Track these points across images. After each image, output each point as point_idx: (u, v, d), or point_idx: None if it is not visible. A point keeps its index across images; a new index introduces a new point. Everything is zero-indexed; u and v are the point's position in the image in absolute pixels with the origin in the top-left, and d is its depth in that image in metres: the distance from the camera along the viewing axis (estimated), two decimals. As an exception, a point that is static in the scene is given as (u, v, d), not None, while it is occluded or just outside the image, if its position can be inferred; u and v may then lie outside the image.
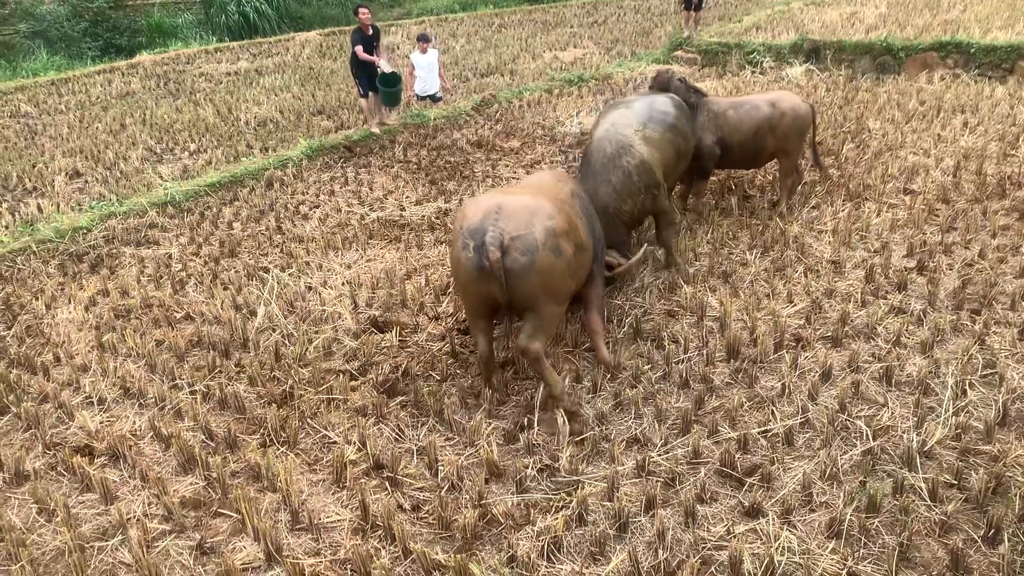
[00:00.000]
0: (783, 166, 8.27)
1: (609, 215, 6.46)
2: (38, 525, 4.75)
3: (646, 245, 6.76)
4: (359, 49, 11.64)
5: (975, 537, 4.12)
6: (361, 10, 11.73)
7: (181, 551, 4.46)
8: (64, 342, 6.83)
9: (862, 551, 4.12)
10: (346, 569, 4.23)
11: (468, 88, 15.55)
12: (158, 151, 12.71)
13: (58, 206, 10.15)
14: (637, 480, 4.72)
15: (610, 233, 6.43)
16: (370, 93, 12.08)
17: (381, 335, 6.55)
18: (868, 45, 14.18)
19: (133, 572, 4.32)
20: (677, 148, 7.06)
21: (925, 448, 4.73)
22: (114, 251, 8.75)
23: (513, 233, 4.98)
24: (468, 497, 4.69)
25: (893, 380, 5.42)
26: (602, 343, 5.92)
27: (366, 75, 11.93)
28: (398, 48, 20.25)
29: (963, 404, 5.09)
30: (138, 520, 4.68)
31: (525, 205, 5.16)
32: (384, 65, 11.71)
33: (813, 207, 8.35)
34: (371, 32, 11.82)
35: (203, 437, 5.39)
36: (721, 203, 8.61)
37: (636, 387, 5.55)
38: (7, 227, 9.52)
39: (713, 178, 9.02)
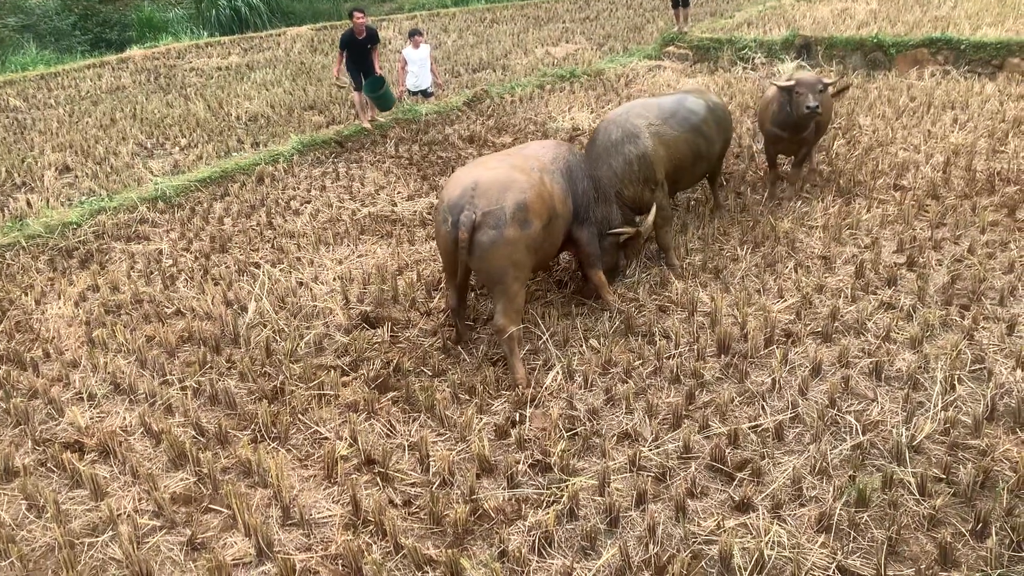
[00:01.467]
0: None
1: (611, 197, 6.66)
2: (28, 521, 4.73)
3: (651, 214, 6.78)
4: (340, 58, 11.86)
5: (963, 531, 4.15)
6: (356, 15, 11.71)
7: (172, 547, 4.46)
8: (54, 337, 6.80)
9: (851, 545, 4.14)
10: (337, 564, 4.23)
11: (460, 83, 15.53)
12: (148, 146, 12.66)
13: (47, 201, 10.10)
14: (628, 475, 4.74)
15: (618, 213, 6.72)
16: (361, 90, 12.05)
17: (372, 331, 6.55)
18: (859, 41, 14.21)
19: (124, 568, 4.31)
20: (696, 149, 7.20)
21: (914, 443, 4.76)
22: (104, 246, 8.72)
23: (485, 209, 5.49)
24: (459, 492, 4.70)
25: (883, 375, 5.44)
26: (607, 293, 6.54)
27: (358, 70, 11.90)
28: (389, 43, 20.20)
29: (952, 399, 5.12)
30: (128, 516, 4.67)
31: (499, 181, 5.65)
32: (358, 80, 11.91)
33: (803, 203, 8.37)
34: (364, 36, 11.78)
35: (194, 433, 5.38)
36: (717, 210, 8.59)
37: (627, 382, 5.56)
38: (-4, 222, 9.47)
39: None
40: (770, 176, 8.80)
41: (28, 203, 10.07)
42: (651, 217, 6.71)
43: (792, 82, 7.89)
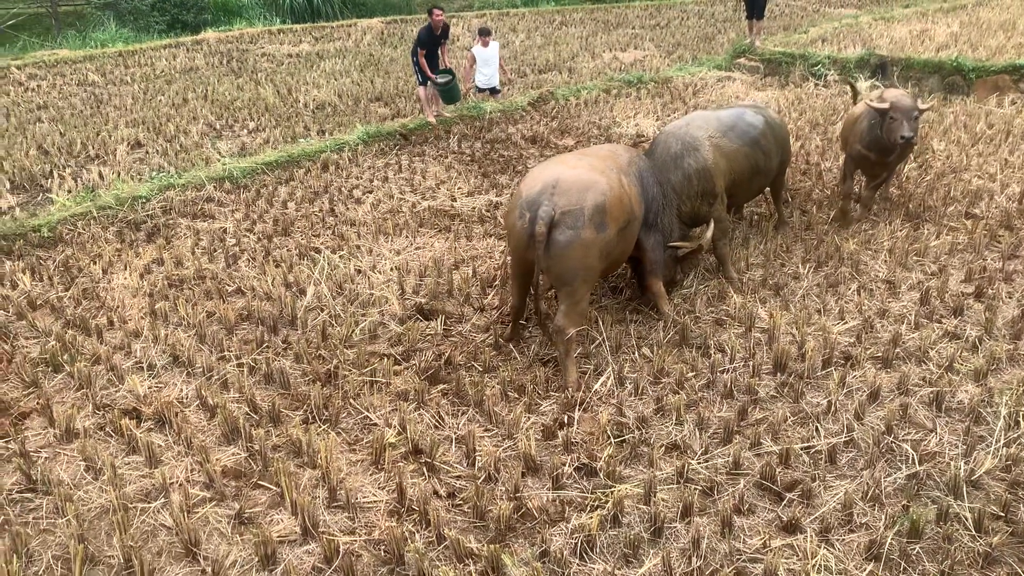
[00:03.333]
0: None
1: (669, 211, 6.63)
2: (85, 482, 4.87)
3: (712, 224, 6.75)
4: (421, 55, 11.82)
5: (1020, 572, 4.03)
6: (436, 11, 11.84)
7: (220, 519, 4.55)
8: (118, 307, 6.99)
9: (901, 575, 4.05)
10: (380, 549, 4.27)
11: (525, 84, 15.56)
12: (218, 127, 12.93)
13: (119, 174, 10.39)
14: (675, 486, 4.69)
15: (678, 224, 6.73)
16: (428, 82, 12.14)
17: (426, 322, 6.60)
18: (937, 64, 13.85)
19: (173, 535, 4.41)
20: (754, 163, 7.15)
21: (973, 477, 4.62)
22: (171, 222, 8.93)
23: (564, 208, 5.43)
24: (504, 489, 4.71)
25: (943, 406, 5.30)
26: (664, 304, 6.49)
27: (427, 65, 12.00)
28: (457, 40, 20.33)
29: (1015, 436, 4.96)
30: (180, 485, 4.78)
31: (581, 180, 5.59)
32: (438, 79, 11.95)
33: (870, 225, 8.20)
34: (440, 31, 11.91)
35: (247, 409, 5.49)
36: (781, 226, 8.45)
37: (679, 393, 5.51)
38: (70, 192, 9.76)
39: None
40: (842, 191, 8.53)
41: (100, 175, 10.37)
42: (710, 231, 6.66)
43: (886, 104, 7.59)
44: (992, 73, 13.18)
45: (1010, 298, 6.65)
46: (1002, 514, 4.37)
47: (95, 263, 7.84)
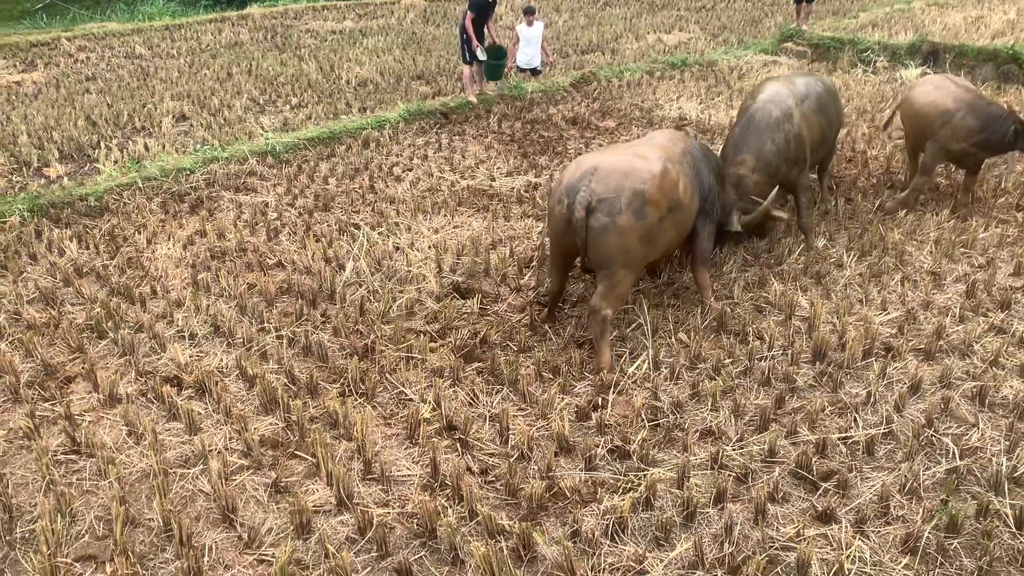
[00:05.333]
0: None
1: (771, 172, 6.88)
2: (127, 447, 4.99)
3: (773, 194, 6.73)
4: (469, 20, 11.70)
5: (1061, 571, 3.95)
6: None
7: (257, 487, 4.63)
8: (161, 276, 7.11)
9: (937, 571, 3.99)
10: (412, 523, 4.32)
11: (567, 64, 15.44)
12: (261, 102, 13.03)
13: (164, 146, 10.54)
14: (708, 472, 4.67)
15: (766, 191, 6.77)
16: (474, 61, 12.10)
17: (463, 301, 6.62)
18: (992, 52, 13.48)
19: (211, 501, 4.50)
20: (823, 130, 7.34)
21: (1015, 474, 4.53)
22: (214, 194, 9.04)
23: (602, 195, 5.47)
24: (536, 468, 4.72)
25: (987, 401, 5.20)
26: (709, 295, 6.41)
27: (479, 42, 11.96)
28: (501, 19, 20.21)
29: (1061, 434, 4.85)
30: (219, 453, 4.87)
31: (620, 168, 5.62)
32: (480, 53, 11.85)
33: (916, 215, 8.03)
34: (491, 1, 11.87)
35: (286, 380, 5.56)
36: (821, 205, 8.34)
37: (715, 379, 5.47)
38: (116, 162, 9.93)
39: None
40: (920, 184, 8.24)
41: (146, 147, 10.53)
42: (771, 198, 6.63)
43: None
44: (1049, 62, 12.80)
45: (1060, 293, 6.49)
46: (1044, 512, 4.28)
47: (140, 233, 7.97)
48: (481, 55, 11.95)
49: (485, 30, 12.05)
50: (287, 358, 5.77)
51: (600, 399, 5.34)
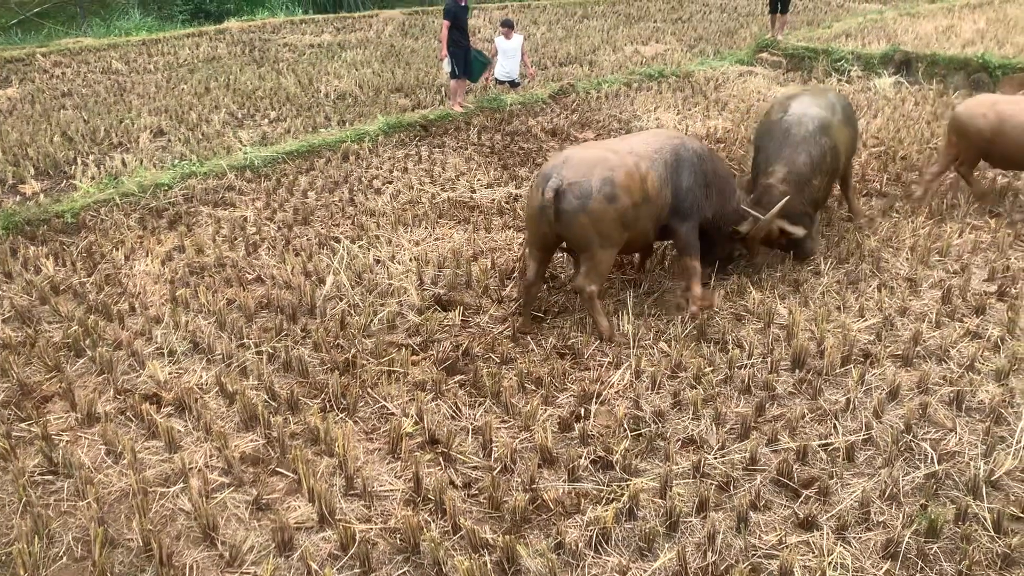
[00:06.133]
0: None
1: (802, 184, 6.92)
2: (105, 466, 4.93)
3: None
4: (445, 27, 11.83)
5: (1039, 574, 3.99)
6: None
7: (238, 504, 4.59)
8: (140, 293, 7.05)
9: (918, 575, 4.02)
10: (395, 538, 4.30)
11: (546, 76, 15.51)
12: (239, 116, 12.99)
13: (141, 161, 10.46)
14: (691, 480, 4.69)
15: (794, 201, 6.80)
16: (462, 76, 12.21)
17: (444, 313, 6.62)
18: (963, 60, 13.69)
19: (191, 519, 4.46)
20: (848, 144, 7.47)
21: (992, 477, 4.58)
22: (192, 209, 9.00)
23: (571, 179, 5.84)
24: (520, 480, 4.72)
25: (963, 405, 5.26)
26: (696, 283, 6.52)
27: (461, 52, 12.04)
28: (478, 32, 20.28)
29: (1036, 437, 4.92)
30: (199, 470, 4.83)
31: (590, 157, 6.04)
32: (446, 64, 12.02)
33: (891, 222, 8.13)
34: (463, 4, 12.00)
35: (266, 397, 5.53)
36: (857, 219, 8.37)
37: (696, 388, 5.50)
38: (93, 178, 9.84)
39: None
40: (976, 191, 8.64)
41: (123, 162, 10.45)
42: (776, 208, 6.66)
43: None
44: (1019, 70, 13.01)
45: (1033, 298, 6.58)
46: (1021, 515, 4.33)
47: (117, 249, 7.91)
48: (447, 67, 12.05)
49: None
50: (267, 374, 5.74)
51: (583, 409, 5.35)
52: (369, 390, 5.60)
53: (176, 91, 14.62)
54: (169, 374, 5.85)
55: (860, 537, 4.26)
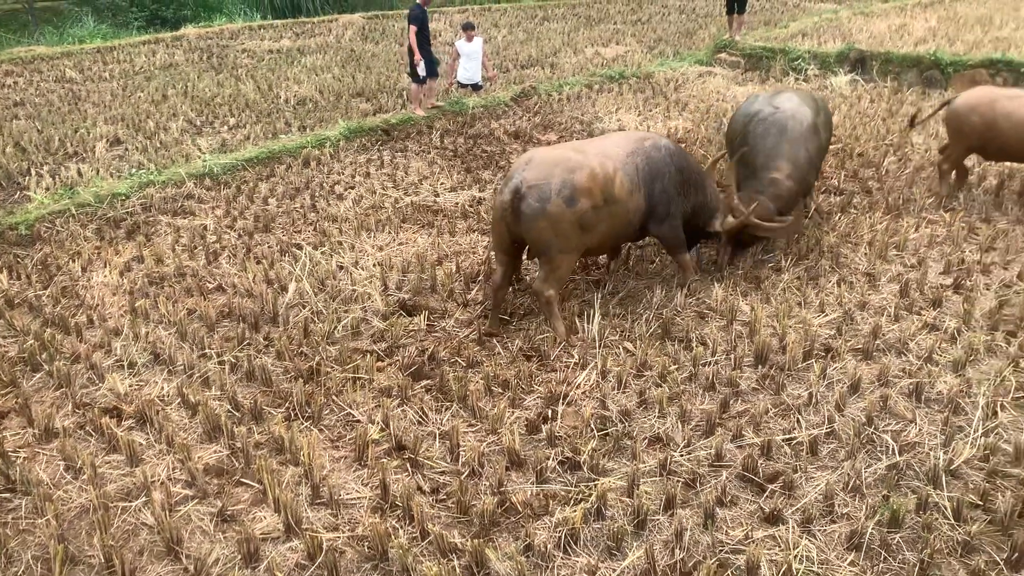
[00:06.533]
0: None
1: (801, 177, 7.14)
2: (64, 482, 4.83)
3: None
4: (412, 32, 11.86)
5: (998, 560, 4.07)
6: None
7: (202, 516, 4.53)
8: (98, 305, 6.93)
9: (881, 565, 4.08)
10: (363, 546, 4.26)
11: (508, 79, 15.53)
12: (198, 123, 12.83)
13: (98, 171, 10.28)
14: (658, 478, 4.71)
15: (796, 193, 7.10)
16: (425, 80, 12.27)
17: (409, 318, 6.59)
18: (916, 58, 13.97)
19: (154, 534, 4.38)
20: (826, 143, 7.69)
21: (952, 467, 4.68)
22: (151, 219, 8.86)
23: (532, 182, 5.82)
24: (488, 484, 4.71)
25: (923, 397, 5.35)
26: (688, 273, 6.89)
27: (426, 56, 12.13)
28: (439, 35, 20.26)
29: (993, 425, 5.02)
30: (162, 483, 4.75)
31: (552, 158, 6.01)
32: (421, 68, 12.04)
33: (850, 218, 8.26)
34: (426, 9, 12.17)
35: (229, 407, 5.46)
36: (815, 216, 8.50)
37: (661, 386, 5.53)
38: (48, 189, 9.65)
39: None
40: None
41: (79, 172, 10.27)
42: (730, 217, 6.83)
43: None
44: (969, 67, 13.31)
45: (987, 290, 6.72)
46: (980, 503, 4.41)
47: (74, 261, 7.76)
48: (422, 71, 12.03)
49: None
50: (230, 384, 5.66)
51: (550, 411, 5.35)
52: (334, 398, 5.55)
53: (132, 99, 14.40)
54: (129, 386, 5.75)
55: (825, 529, 4.32)
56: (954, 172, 8.77)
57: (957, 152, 8.56)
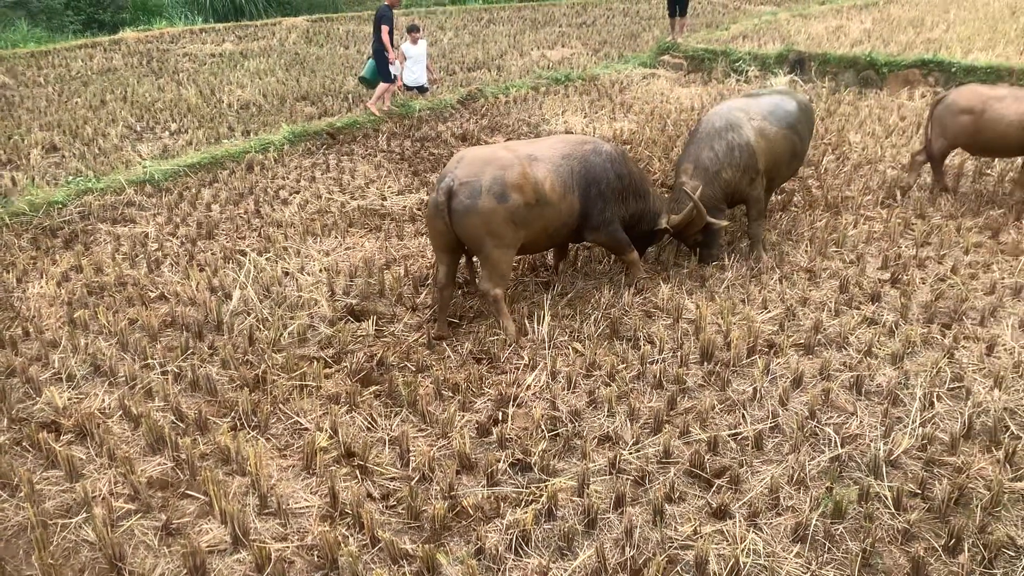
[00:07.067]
0: None
1: (710, 177, 7.07)
2: (0, 500, 4.68)
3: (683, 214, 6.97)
4: (385, 31, 11.98)
5: (936, 546, 4.19)
6: None
7: (146, 531, 4.43)
8: (34, 317, 6.73)
9: (826, 556, 4.17)
10: (313, 555, 4.22)
11: (455, 82, 15.52)
12: (138, 129, 12.56)
13: (33, 179, 10.00)
14: (608, 477, 4.75)
15: (708, 193, 7.03)
16: (396, 77, 12.44)
17: (357, 324, 6.53)
18: (852, 59, 14.32)
19: (96, 551, 4.28)
20: (792, 146, 7.55)
21: (891, 457, 4.80)
22: (89, 227, 8.65)
23: (463, 179, 5.91)
24: (438, 488, 4.70)
25: (863, 389, 5.49)
26: (637, 271, 7.01)
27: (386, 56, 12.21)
28: (385, 38, 20.12)
29: (930, 416, 5.17)
30: (103, 498, 4.63)
31: (483, 157, 6.13)
32: (396, 67, 12.29)
33: (791, 216, 8.43)
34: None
35: (173, 418, 5.35)
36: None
37: (610, 385, 5.58)
38: (-20, 198, 9.36)
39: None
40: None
41: (13, 181, 9.98)
42: (683, 215, 6.89)
43: None
44: (903, 68, 13.71)
45: (923, 283, 6.92)
46: (919, 491, 4.54)
47: (8, 272, 7.53)
48: (395, 69, 12.16)
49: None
50: (174, 394, 5.55)
51: (500, 413, 5.36)
52: (281, 406, 5.48)
53: (69, 105, 14.03)
54: (68, 400, 5.60)
55: (771, 522, 4.40)
56: (931, 164, 9.03)
57: (942, 147, 8.82)
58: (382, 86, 12.56)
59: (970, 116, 8.45)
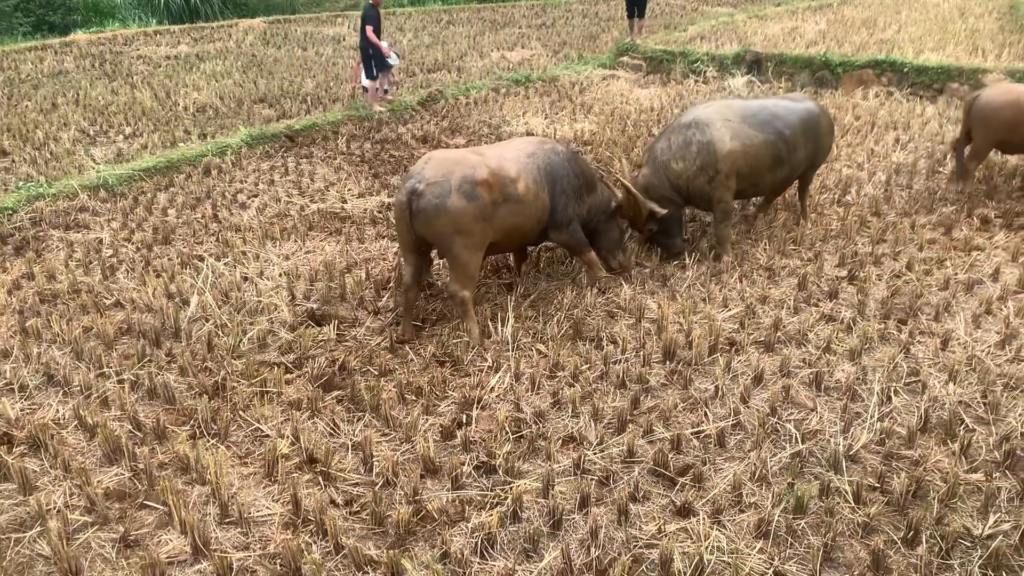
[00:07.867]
0: None
1: (658, 166, 7.30)
2: (-50, 515, 4.54)
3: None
4: (371, 32, 12.10)
5: (895, 539, 4.26)
6: None
7: (103, 544, 4.33)
8: (-16, 326, 6.55)
9: (788, 551, 4.21)
10: (276, 564, 4.15)
11: (414, 83, 15.46)
12: (91, 133, 12.31)
13: (-19, 185, 9.75)
14: (572, 478, 4.75)
15: (653, 182, 7.30)
16: (379, 74, 12.56)
17: (318, 328, 6.46)
18: (808, 59, 14.55)
19: (51, 565, 4.17)
20: (776, 153, 7.41)
21: (851, 452, 4.87)
22: (41, 234, 8.45)
23: (431, 179, 5.90)
24: (403, 493, 4.66)
25: (822, 385, 5.56)
26: (597, 271, 7.04)
27: (380, 54, 12.34)
28: (343, 40, 20.02)
29: (888, 410, 5.25)
30: (58, 511, 4.52)
31: (451, 157, 6.15)
32: (395, 58, 12.52)
33: (751, 214, 8.52)
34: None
35: (130, 427, 5.24)
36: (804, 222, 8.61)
37: (574, 386, 5.58)
38: (-74, 205, 9.09)
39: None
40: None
41: (-39, 186, 9.71)
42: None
43: None
44: (857, 68, 13.95)
45: (879, 280, 7.03)
46: (878, 485, 4.61)
47: (-44, 280, 7.33)
48: (393, 60, 12.50)
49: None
50: (130, 403, 5.44)
51: (464, 416, 5.33)
52: (241, 413, 5.39)
53: (19, 108, 13.69)
54: (21, 410, 5.45)
55: (734, 519, 4.43)
56: (961, 163, 9.07)
57: (984, 147, 8.88)
58: (371, 84, 12.59)
59: (1011, 113, 8.43)
